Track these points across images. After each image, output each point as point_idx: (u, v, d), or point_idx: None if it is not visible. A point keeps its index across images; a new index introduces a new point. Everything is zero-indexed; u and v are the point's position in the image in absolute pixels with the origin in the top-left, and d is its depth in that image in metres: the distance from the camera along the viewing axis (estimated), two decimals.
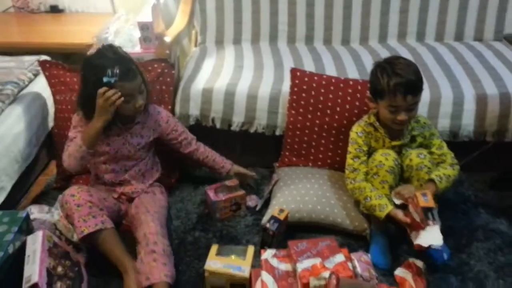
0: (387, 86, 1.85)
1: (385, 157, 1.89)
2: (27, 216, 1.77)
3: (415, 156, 1.90)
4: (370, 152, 2.01)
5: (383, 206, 1.84)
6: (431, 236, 1.67)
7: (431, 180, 1.87)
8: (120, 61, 1.83)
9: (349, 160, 2.02)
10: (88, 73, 1.85)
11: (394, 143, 1.97)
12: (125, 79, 1.81)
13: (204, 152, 2.22)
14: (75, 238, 1.85)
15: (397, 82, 1.83)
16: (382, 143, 1.99)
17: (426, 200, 1.73)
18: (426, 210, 1.70)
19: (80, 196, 1.82)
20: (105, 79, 1.76)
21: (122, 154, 2.01)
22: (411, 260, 1.79)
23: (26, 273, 1.56)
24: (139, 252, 1.77)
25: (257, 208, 2.19)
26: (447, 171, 1.92)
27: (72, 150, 1.89)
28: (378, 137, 1.99)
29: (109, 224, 1.84)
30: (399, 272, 1.79)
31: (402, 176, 1.96)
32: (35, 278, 1.53)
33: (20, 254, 1.65)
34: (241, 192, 2.16)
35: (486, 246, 1.97)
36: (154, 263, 1.70)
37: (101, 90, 1.78)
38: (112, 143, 1.98)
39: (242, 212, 2.18)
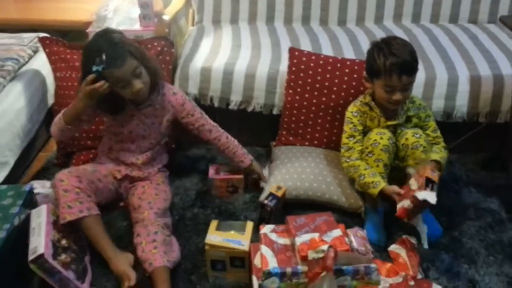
0: (383, 66, 1.89)
1: (380, 136, 1.94)
2: (31, 189, 1.80)
3: (410, 135, 1.95)
4: (365, 132, 2.06)
5: (377, 183, 1.89)
6: (427, 195, 1.73)
7: (435, 162, 1.93)
8: (109, 47, 1.79)
9: (344, 139, 2.06)
10: (84, 59, 1.86)
11: (389, 122, 2.01)
12: (113, 65, 1.78)
13: (226, 143, 2.13)
14: None
15: (393, 62, 1.87)
16: (377, 122, 2.03)
17: (433, 174, 1.79)
18: (428, 181, 1.76)
19: (68, 182, 1.81)
20: (93, 68, 1.76)
21: (137, 134, 2.02)
22: (404, 236, 1.85)
23: (31, 245, 1.60)
24: (140, 242, 1.78)
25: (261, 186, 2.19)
26: (444, 153, 1.99)
27: (56, 120, 1.92)
28: (373, 117, 2.04)
29: (94, 211, 1.83)
30: (393, 248, 1.85)
31: (397, 155, 2.01)
32: (40, 250, 1.57)
33: (24, 227, 1.69)
34: (239, 176, 2.19)
35: (478, 224, 2.03)
36: (155, 250, 1.75)
37: (89, 77, 1.78)
38: (126, 124, 1.99)
39: (240, 195, 2.20)
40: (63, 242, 1.72)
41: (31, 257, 1.57)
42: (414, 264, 1.74)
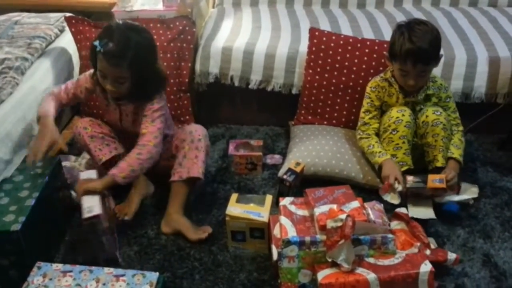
0: (400, 51, 1.91)
1: (402, 113, 1.97)
2: (59, 161, 1.87)
3: (431, 113, 1.98)
4: (384, 109, 2.10)
5: (383, 153, 1.99)
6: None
7: (454, 159, 1.98)
8: (119, 43, 1.73)
9: (361, 113, 2.14)
10: (100, 33, 1.83)
11: (407, 99, 2.04)
12: (107, 58, 1.74)
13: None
14: None
15: (409, 49, 1.89)
16: (396, 99, 2.06)
17: (437, 181, 1.89)
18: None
19: (92, 129, 1.94)
20: (95, 42, 1.76)
21: (122, 127, 2.03)
22: (397, 210, 1.85)
23: (85, 204, 1.68)
24: (182, 147, 1.93)
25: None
26: (462, 144, 2.05)
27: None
28: (392, 93, 2.07)
29: (121, 149, 1.97)
30: (394, 225, 1.83)
31: (416, 133, 2.04)
32: (97, 210, 1.67)
33: (52, 197, 1.76)
34: (258, 153, 2.23)
35: (494, 202, 2.06)
36: (195, 159, 1.91)
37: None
38: (109, 114, 2.02)
39: (258, 173, 2.24)
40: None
41: (86, 215, 1.64)
42: (420, 231, 1.76)
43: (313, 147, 2.17)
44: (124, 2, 2.44)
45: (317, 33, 2.32)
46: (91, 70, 1.94)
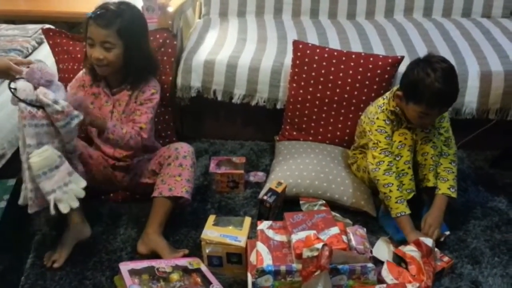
0: (428, 95, 1.75)
1: (404, 137, 1.89)
2: (16, 183, 1.78)
3: (419, 130, 1.91)
4: None
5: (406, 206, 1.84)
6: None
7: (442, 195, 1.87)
8: (112, 10, 1.81)
9: (383, 146, 1.89)
10: None
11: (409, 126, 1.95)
12: (96, 20, 1.80)
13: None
14: None
15: (438, 93, 1.74)
16: (398, 128, 1.95)
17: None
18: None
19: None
20: (88, 13, 1.83)
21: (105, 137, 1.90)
22: (421, 239, 1.73)
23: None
24: (168, 164, 1.90)
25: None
26: (454, 171, 1.92)
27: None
28: (398, 124, 1.94)
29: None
30: (409, 250, 1.73)
31: None
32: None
33: (14, 222, 1.68)
34: (239, 171, 2.15)
35: (484, 224, 1.97)
36: (179, 177, 1.87)
37: None
38: (101, 109, 1.95)
39: (241, 191, 2.17)
40: None
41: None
42: (428, 270, 1.65)
43: (296, 167, 2.09)
44: None
45: (300, 46, 2.24)
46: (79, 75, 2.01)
